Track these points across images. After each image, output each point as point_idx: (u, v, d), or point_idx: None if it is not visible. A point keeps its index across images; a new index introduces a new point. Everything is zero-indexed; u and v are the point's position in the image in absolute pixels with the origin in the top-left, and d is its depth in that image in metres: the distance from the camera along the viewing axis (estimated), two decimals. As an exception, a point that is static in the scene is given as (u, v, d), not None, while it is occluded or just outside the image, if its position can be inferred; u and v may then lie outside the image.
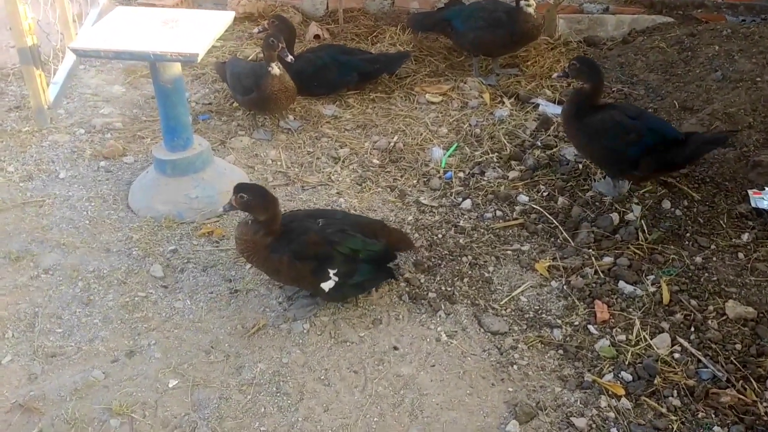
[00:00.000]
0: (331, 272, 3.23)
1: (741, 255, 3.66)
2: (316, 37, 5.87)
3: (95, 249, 3.78)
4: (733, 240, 3.75)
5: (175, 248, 3.80)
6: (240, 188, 3.18)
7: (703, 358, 3.17)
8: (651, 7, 5.95)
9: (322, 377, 3.10)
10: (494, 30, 4.99)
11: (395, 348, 3.24)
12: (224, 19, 3.85)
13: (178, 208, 3.97)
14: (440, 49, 5.71)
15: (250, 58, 5.56)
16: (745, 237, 3.75)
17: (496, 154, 4.51)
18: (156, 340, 3.26)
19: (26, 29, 3.64)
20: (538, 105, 4.91)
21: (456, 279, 3.60)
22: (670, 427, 2.90)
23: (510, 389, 3.06)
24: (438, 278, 3.61)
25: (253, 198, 3.17)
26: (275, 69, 4.42)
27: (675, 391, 3.04)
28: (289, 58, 4.40)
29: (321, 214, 3.40)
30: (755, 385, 3.04)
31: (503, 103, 5.01)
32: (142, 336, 3.29)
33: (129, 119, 4.91)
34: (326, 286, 3.24)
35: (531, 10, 4.92)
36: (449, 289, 3.55)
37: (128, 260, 3.71)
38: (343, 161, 4.48)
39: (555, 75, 4.31)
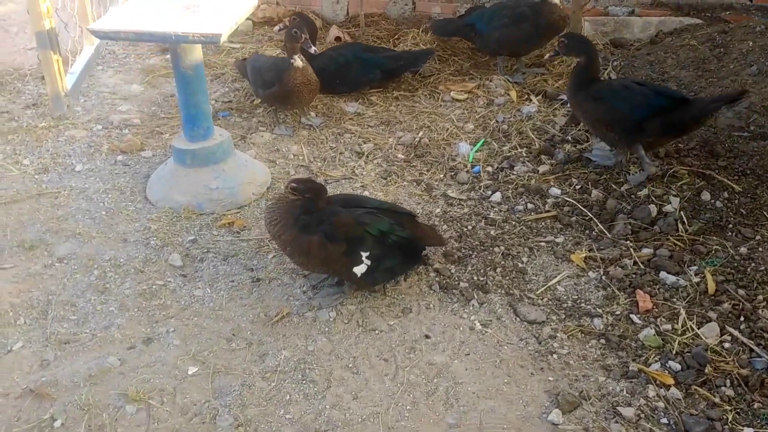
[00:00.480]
0: (364, 255, 3.07)
1: (788, 245, 3.48)
2: (337, 39, 5.78)
3: (111, 239, 3.64)
4: (779, 231, 3.57)
5: (194, 238, 3.65)
6: (296, 181, 3.14)
7: (755, 348, 2.97)
8: (678, 10, 5.83)
9: (350, 365, 2.93)
10: (519, 25, 4.88)
11: (427, 336, 3.07)
12: (247, 4, 3.75)
13: (197, 199, 3.84)
14: (464, 49, 5.60)
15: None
16: (791, 227, 3.57)
17: (525, 149, 4.36)
18: (175, 328, 3.10)
19: (44, 12, 3.55)
20: (566, 102, 4.77)
21: (488, 269, 3.43)
22: (724, 417, 2.70)
23: (550, 378, 2.87)
24: (469, 268, 3.44)
25: (305, 193, 3.13)
26: (298, 61, 4.31)
27: (727, 381, 2.84)
28: (313, 49, 4.29)
29: (353, 199, 3.27)
30: (814, 375, 2.83)
31: (530, 100, 4.88)
32: (160, 324, 3.13)
33: (147, 116, 4.80)
34: (359, 270, 3.08)
35: (556, 0, 4.81)
36: (481, 278, 3.38)
37: (146, 250, 3.56)
38: (367, 156, 4.35)
39: (547, 55, 4.37)
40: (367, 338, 3.06)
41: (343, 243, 3.06)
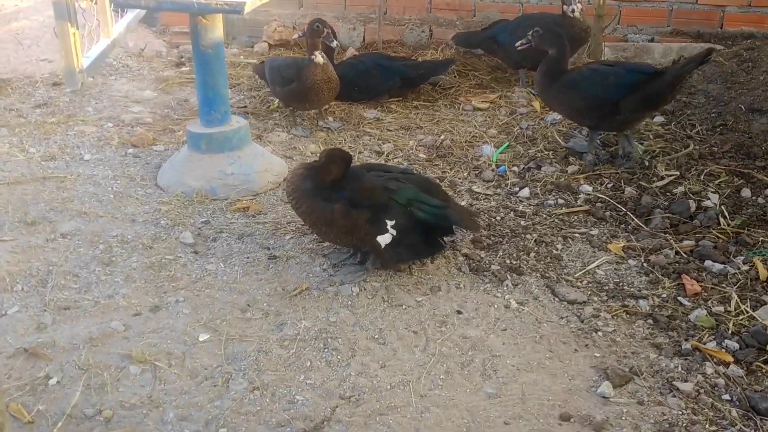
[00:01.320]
0: (389, 223, 2.85)
1: (840, 237, 3.27)
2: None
3: (119, 219, 3.43)
4: (828, 225, 3.36)
5: (207, 220, 3.44)
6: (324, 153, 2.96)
7: (819, 329, 2.72)
8: (699, 38, 5.79)
9: (376, 336, 2.67)
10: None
11: (459, 312, 2.82)
12: (272, -15, 3.66)
13: (211, 184, 3.64)
14: (484, 64, 5.52)
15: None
16: (841, 222, 3.36)
17: (552, 151, 4.20)
18: (185, 298, 2.86)
19: (64, -19, 3.45)
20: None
21: (521, 254, 3.21)
22: (793, 395, 2.42)
23: (596, 354, 2.61)
24: (500, 253, 3.22)
25: (326, 162, 2.93)
26: (319, 57, 4.19)
27: (792, 360, 2.58)
28: (335, 43, 4.19)
29: (380, 166, 3.09)
30: None
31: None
32: (169, 294, 2.88)
33: (160, 117, 4.66)
34: (383, 240, 2.86)
35: (577, 13, 4.75)
36: (515, 262, 3.15)
37: (155, 228, 3.35)
38: (387, 155, 4.17)
39: (518, 43, 4.25)
40: (393, 312, 2.81)
41: (367, 210, 2.85)
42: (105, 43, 4.06)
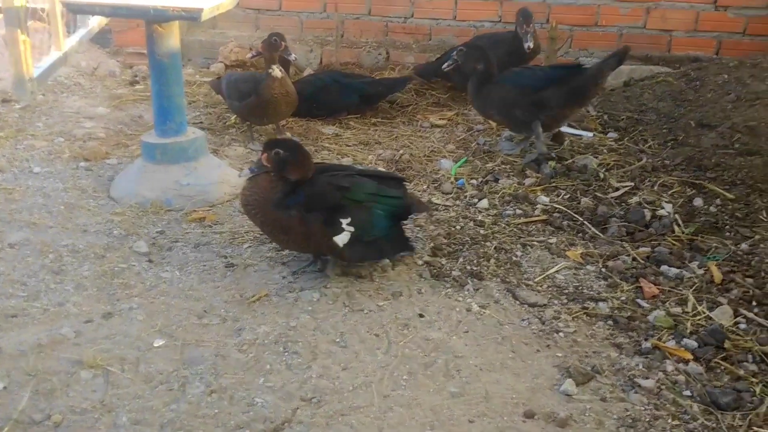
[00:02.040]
0: (344, 222, 2.82)
1: (790, 242, 3.35)
2: (311, 78, 5.70)
3: (70, 229, 3.33)
4: (778, 231, 3.45)
5: (162, 230, 3.37)
6: (274, 144, 2.84)
7: (774, 328, 2.76)
8: (648, 61, 5.95)
9: (337, 339, 2.62)
10: (493, 50, 4.85)
11: (421, 315, 2.79)
12: (231, -6, 3.65)
13: (166, 195, 3.57)
14: (441, 84, 5.57)
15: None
16: (790, 229, 3.45)
17: (509, 165, 4.24)
18: (139, 305, 2.77)
19: (17, -12, 3.38)
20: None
21: (482, 260, 3.21)
22: (752, 389, 2.45)
23: (558, 354, 2.61)
24: (461, 260, 3.21)
25: (290, 154, 2.82)
26: (276, 71, 4.18)
27: (749, 357, 2.62)
28: (293, 56, 4.18)
29: (333, 166, 3.06)
30: (841, 352, 2.62)
31: (510, 127, 4.80)
32: (122, 301, 2.79)
33: (113, 132, 4.57)
34: (340, 239, 2.83)
35: (530, 44, 4.82)
36: (475, 268, 3.14)
37: (108, 238, 3.26)
38: (346, 169, 4.15)
39: (444, 66, 4.38)
40: (355, 316, 2.77)
41: (321, 212, 2.82)
42: (56, 56, 3.98)
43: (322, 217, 2.82)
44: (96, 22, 5.06)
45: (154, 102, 3.63)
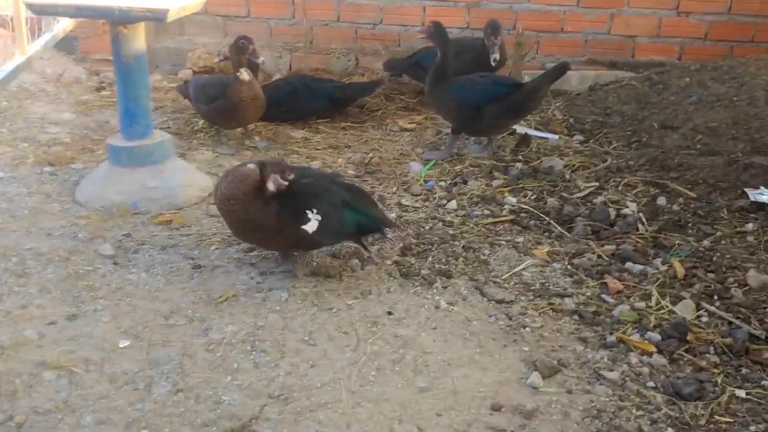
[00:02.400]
0: (310, 213, 2.83)
1: (750, 239, 3.42)
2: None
3: (34, 233, 3.29)
4: (738, 228, 3.52)
5: (128, 233, 3.34)
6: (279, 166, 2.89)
7: (734, 320, 2.82)
8: (612, 66, 6.04)
9: (306, 338, 2.62)
10: (460, 57, 4.88)
11: (390, 313, 2.80)
12: (198, -3, 3.64)
13: (132, 198, 3.54)
14: (410, 89, 5.61)
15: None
16: (750, 226, 3.53)
17: (477, 168, 4.27)
18: (104, 307, 2.74)
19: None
20: (514, 130, 4.76)
21: (450, 259, 3.23)
22: (714, 379, 2.50)
23: (525, 349, 2.63)
24: (430, 259, 3.23)
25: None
26: (244, 74, 4.17)
27: (711, 349, 2.67)
28: (260, 59, 4.18)
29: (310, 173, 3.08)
30: (799, 343, 2.68)
31: (478, 130, 4.84)
32: (87, 303, 2.76)
33: (79, 137, 4.53)
34: (310, 227, 2.83)
35: (497, 56, 4.88)
36: (444, 267, 3.16)
37: (73, 241, 3.22)
38: (315, 172, 4.16)
39: (418, 29, 4.75)
40: (323, 315, 2.77)
41: (292, 210, 2.83)
42: (20, 60, 3.94)
43: (293, 214, 2.83)
44: (61, 27, 5.01)
45: (120, 105, 3.61)
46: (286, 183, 2.82)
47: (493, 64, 4.87)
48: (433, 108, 4.68)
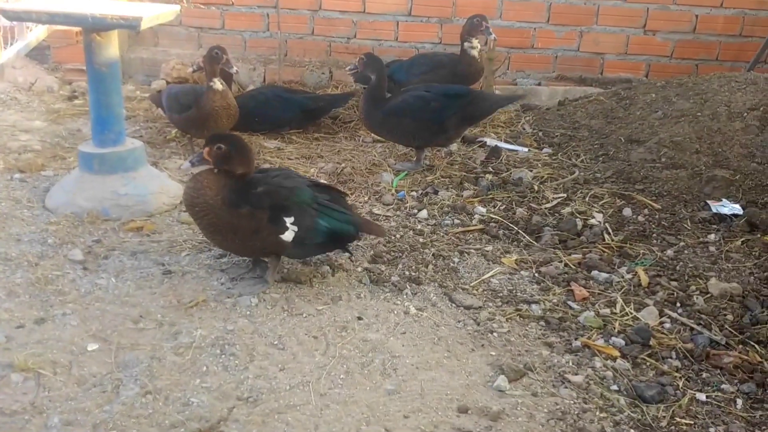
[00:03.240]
0: (288, 221, 2.86)
1: (712, 249, 3.52)
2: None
3: (2, 239, 3.26)
4: (700, 239, 3.61)
5: (98, 239, 3.33)
6: (216, 138, 2.86)
7: (695, 326, 2.89)
8: (581, 82, 6.17)
9: (275, 342, 2.64)
10: (437, 71, 4.98)
11: (359, 318, 2.83)
12: (170, 7, 3.66)
13: (103, 204, 3.54)
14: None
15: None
16: (712, 237, 3.62)
17: (448, 179, 4.33)
18: (72, 311, 2.74)
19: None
20: (484, 143, 4.84)
21: (420, 266, 3.27)
22: (675, 383, 2.56)
23: (492, 353, 2.68)
24: (400, 266, 3.26)
25: (233, 149, 2.84)
26: (218, 84, 4.20)
27: (673, 353, 2.74)
28: (234, 69, 4.21)
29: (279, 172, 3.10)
30: (758, 348, 2.76)
31: (449, 142, 4.91)
32: (56, 307, 2.75)
33: (50, 145, 4.50)
34: (286, 237, 2.85)
35: (475, 53, 4.99)
36: (414, 274, 3.20)
37: (42, 247, 3.21)
38: (287, 181, 4.18)
39: (347, 68, 4.67)
40: (293, 320, 2.79)
41: (266, 210, 2.85)
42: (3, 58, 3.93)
43: (268, 214, 2.85)
44: (34, 36, 5.00)
45: (92, 111, 3.61)
46: (208, 159, 2.86)
47: (492, 38, 5.01)
48: (378, 133, 4.55)
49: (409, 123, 4.26)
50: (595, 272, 3.30)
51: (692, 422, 2.40)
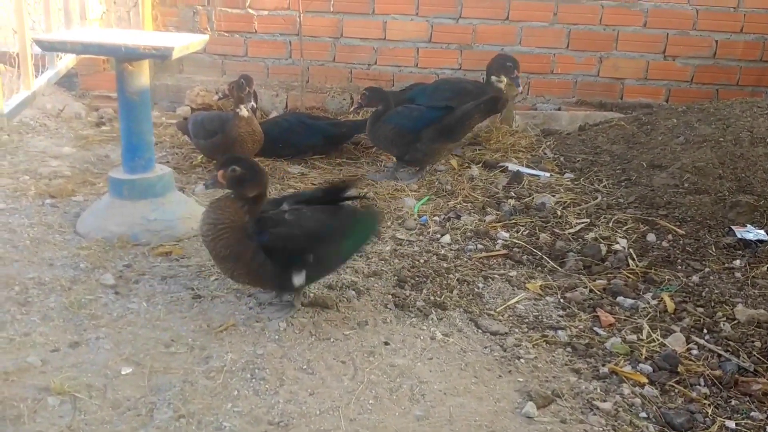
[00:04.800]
0: (296, 275, 2.88)
1: (738, 275, 3.52)
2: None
3: (36, 263, 3.33)
4: (726, 264, 3.61)
5: (128, 264, 3.39)
6: (231, 161, 2.88)
7: (723, 353, 2.89)
8: (601, 107, 6.20)
9: (304, 366, 2.67)
10: (462, 98, 5.02)
11: (386, 343, 2.86)
12: (199, 37, 3.75)
13: (133, 230, 3.60)
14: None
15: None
16: (737, 263, 3.62)
17: (470, 203, 4.36)
18: (106, 335, 2.78)
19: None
20: (506, 167, 4.87)
21: (445, 291, 3.30)
22: (704, 410, 2.56)
23: (519, 379, 2.69)
24: (425, 291, 3.29)
25: (246, 171, 2.86)
26: (244, 111, 4.29)
27: (701, 380, 2.73)
28: (251, 104, 4.30)
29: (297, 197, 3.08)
30: (786, 375, 2.75)
31: (471, 167, 4.95)
32: (89, 331, 2.80)
33: (79, 170, 4.60)
34: (297, 281, 2.88)
35: (502, 86, 5.02)
36: (439, 299, 3.23)
37: (74, 271, 3.27)
38: (312, 207, 4.23)
39: (352, 108, 5.03)
40: (321, 345, 2.82)
41: (280, 258, 2.84)
42: (25, 95, 4.03)
43: (280, 265, 2.85)
44: (64, 64, 5.12)
45: (123, 139, 3.69)
46: (222, 182, 2.87)
47: (520, 89, 5.14)
48: (375, 143, 4.91)
49: (390, 129, 4.57)
50: (620, 298, 3.31)
51: (722, 450, 2.39)
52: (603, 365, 2.80)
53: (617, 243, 3.79)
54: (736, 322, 3.11)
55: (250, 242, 2.84)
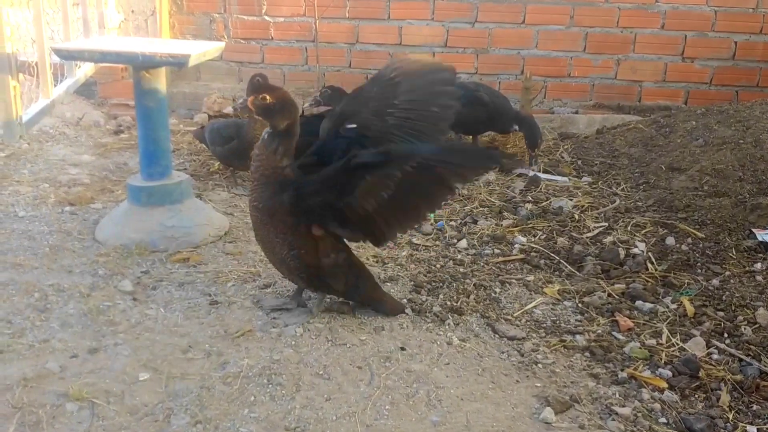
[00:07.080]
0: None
1: (759, 278, 3.47)
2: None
3: (55, 270, 3.36)
4: (746, 268, 3.57)
5: (146, 270, 3.41)
6: (262, 88, 2.82)
7: (745, 357, 2.85)
8: (619, 110, 6.16)
9: (321, 372, 2.66)
10: (476, 106, 5.01)
11: (402, 349, 2.84)
12: (216, 44, 3.78)
13: (151, 236, 3.62)
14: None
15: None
16: (758, 266, 3.58)
17: (487, 208, 4.35)
18: (124, 341, 2.80)
19: (6, 34, 3.48)
20: (522, 174, 4.85)
21: (461, 296, 3.28)
22: (725, 416, 2.52)
23: (537, 384, 2.67)
24: (441, 296, 3.28)
25: (276, 100, 2.74)
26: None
27: (722, 385, 2.69)
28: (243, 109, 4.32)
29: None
30: (809, 380, 2.71)
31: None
32: (107, 337, 2.82)
33: (98, 178, 4.64)
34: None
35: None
36: (455, 304, 3.21)
37: (92, 278, 3.29)
38: (328, 212, 4.23)
39: (306, 104, 4.65)
40: (337, 350, 2.81)
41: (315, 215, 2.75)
42: (44, 103, 4.09)
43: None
44: (83, 73, 5.18)
45: (140, 146, 3.71)
46: (251, 108, 2.75)
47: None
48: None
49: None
50: (639, 302, 3.28)
51: (744, 456, 2.36)
52: (622, 370, 2.77)
53: (636, 247, 3.75)
54: (757, 325, 3.07)
55: (286, 194, 2.74)
